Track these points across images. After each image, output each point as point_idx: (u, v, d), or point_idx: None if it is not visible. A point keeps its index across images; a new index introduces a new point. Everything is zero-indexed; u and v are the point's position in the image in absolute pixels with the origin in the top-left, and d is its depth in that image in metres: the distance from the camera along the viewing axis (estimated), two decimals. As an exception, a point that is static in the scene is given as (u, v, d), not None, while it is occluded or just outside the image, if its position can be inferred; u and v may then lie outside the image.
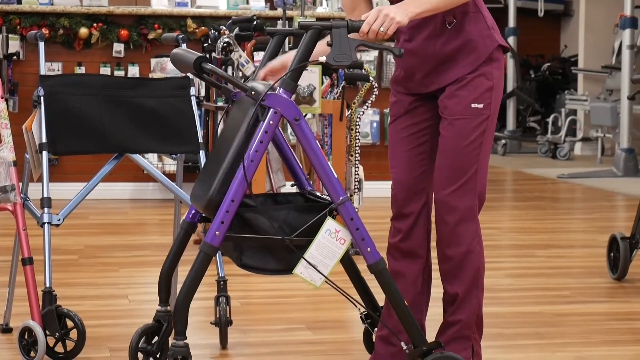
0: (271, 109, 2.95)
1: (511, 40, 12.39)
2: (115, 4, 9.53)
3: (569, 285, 4.97)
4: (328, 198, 3.05)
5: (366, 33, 2.92)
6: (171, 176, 7.63)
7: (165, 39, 4.16)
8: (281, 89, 2.96)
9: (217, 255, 3.73)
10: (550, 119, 12.24)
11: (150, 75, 7.86)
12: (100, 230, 6.43)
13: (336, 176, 2.98)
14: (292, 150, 3.27)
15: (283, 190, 5.92)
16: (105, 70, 7.86)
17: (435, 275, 3.35)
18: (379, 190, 7.72)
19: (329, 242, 2.95)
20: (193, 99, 3.88)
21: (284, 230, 2.95)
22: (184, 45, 4.01)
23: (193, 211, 3.20)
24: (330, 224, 2.96)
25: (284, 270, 3.00)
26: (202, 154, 3.86)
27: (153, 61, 7.90)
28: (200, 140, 3.85)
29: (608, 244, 5.15)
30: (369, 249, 2.99)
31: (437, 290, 3.46)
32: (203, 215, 3.14)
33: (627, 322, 4.27)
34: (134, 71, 7.88)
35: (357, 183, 5.66)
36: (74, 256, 5.56)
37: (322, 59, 2.90)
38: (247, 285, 4.79)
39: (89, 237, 6.14)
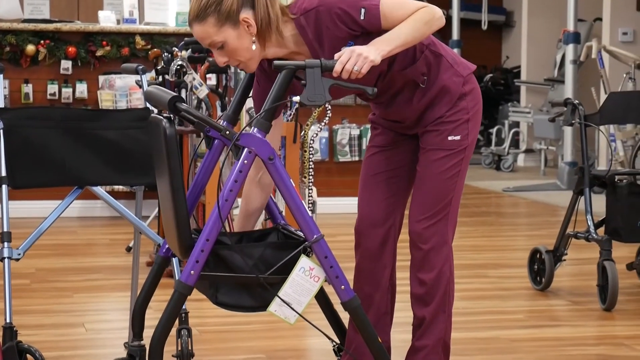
0: (245, 149, 2.97)
1: (455, 52, 12.48)
2: (58, 16, 9.48)
3: (522, 308, 5.04)
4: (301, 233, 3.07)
5: (340, 72, 2.95)
6: (118, 194, 7.62)
7: (125, 69, 4.14)
8: (255, 129, 2.98)
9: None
10: (494, 131, 12.36)
11: (98, 92, 7.81)
12: (50, 251, 6.37)
13: (310, 215, 3.00)
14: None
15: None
16: (52, 87, 7.80)
17: (401, 298, 3.41)
18: (330, 207, 7.76)
19: (303, 279, 2.98)
20: (153, 130, 3.87)
21: (259, 268, 2.97)
22: (144, 77, 4.03)
23: (167, 245, 3.21)
24: (304, 262, 2.98)
25: (259, 307, 3.03)
26: (162, 185, 3.85)
27: (101, 78, 7.85)
28: (161, 171, 3.84)
29: (529, 256, 5.46)
30: (342, 286, 3.02)
31: (403, 314, 3.51)
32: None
33: (581, 347, 4.33)
34: (82, 88, 7.83)
35: (311, 205, 5.68)
36: (26, 280, 5.52)
37: (297, 98, 2.92)
38: (202, 312, 4.77)
39: (39, 259, 6.08)
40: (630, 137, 9.45)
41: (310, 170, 5.75)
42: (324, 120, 5.83)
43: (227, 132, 2.99)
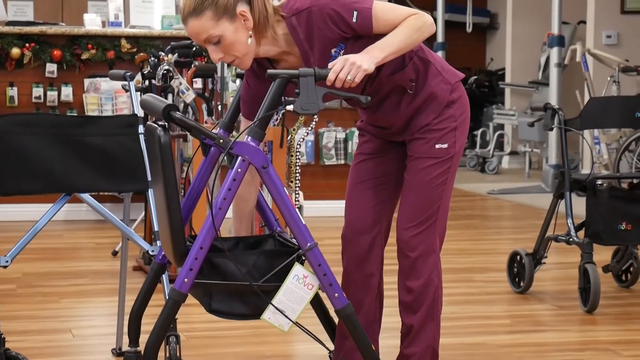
0: (239, 157, 2.97)
1: (440, 54, 12.52)
2: (42, 18, 9.47)
3: (508, 313, 5.05)
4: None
5: (333, 81, 2.95)
6: (104, 197, 7.61)
7: (113, 76, 4.14)
8: (249, 137, 2.99)
9: (165, 292, 3.74)
10: (478, 133, 12.39)
11: (84, 96, 7.80)
12: (36, 255, 6.36)
13: (304, 222, 3.01)
14: (261, 192, 3.30)
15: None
16: (37, 91, 7.78)
17: (389, 303, 3.42)
18: (316, 210, 7.77)
19: (297, 287, 2.99)
20: (141, 137, 3.87)
21: (253, 276, 2.99)
22: (131, 83, 4.03)
23: (163, 252, 3.22)
24: (298, 270, 3.00)
25: (253, 315, 3.05)
26: (150, 192, 3.85)
27: (87, 81, 7.84)
28: (149, 178, 3.84)
29: (509, 259, 5.56)
30: (336, 294, 3.04)
31: (392, 319, 3.52)
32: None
33: (568, 352, 4.34)
34: (67, 92, 7.81)
35: (297, 210, 5.68)
36: (12, 285, 5.50)
37: (290, 107, 2.93)
38: (189, 317, 4.78)
39: (25, 263, 6.07)
40: (615, 140, 9.49)
41: (297, 174, 5.76)
42: (311, 125, 5.83)
43: (222, 140, 3.00)
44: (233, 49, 3.03)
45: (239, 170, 2.97)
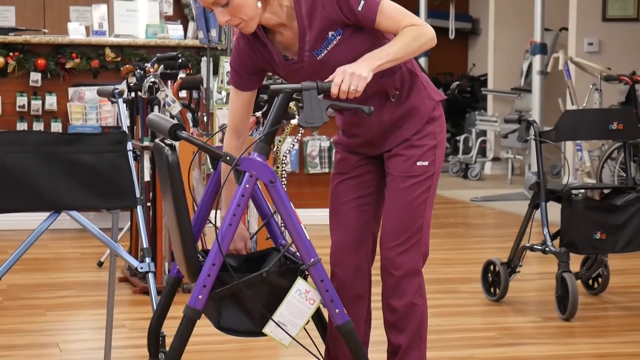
0: (246, 173, 2.99)
1: (422, 60, 12.56)
2: (24, 24, 9.45)
3: (495, 325, 5.07)
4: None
5: (337, 94, 2.97)
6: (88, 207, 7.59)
7: (101, 92, 4.15)
8: (255, 153, 3.01)
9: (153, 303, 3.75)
10: (461, 139, 12.42)
11: (68, 105, 7.79)
12: (21, 266, 6.32)
13: (308, 238, 3.02)
14: (269, 206, 3.30)
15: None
16: (21, 100, 7.77)
17: (374, 315, 3.46)
18: (300, 218, 7.76)
19: (299, 302, 3.02)
20: (130, 154, 3.88)
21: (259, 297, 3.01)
22: (120, 100, 4.03)
23: (177, 267, 3.25)
24: (300, 285, 3.02)
25: (260, 333, 3.06)
26: (139, 209, 3.86)
27: (71, 90, 7.84)
28: (138, 195, 3.84)
29: (483, 268, 5.65)
30: (337, 310, 3.06)
31: (378, 332, 3.53)
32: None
33: (555, 366, 4.38)
34: (51, 100, 7.80)
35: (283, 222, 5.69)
36: (-2, 298, 5.50)
37: (295, 120, 2.95)
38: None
39: (10, 274, 5.94)
40: (597, 147, 9.54)
41: (283, 186, 5.76)
42: (297, 136, 5.84)
43: (228, 157, 3.02)
44: (241, 11, 3.02)
45: (247, 186, 2.99)
